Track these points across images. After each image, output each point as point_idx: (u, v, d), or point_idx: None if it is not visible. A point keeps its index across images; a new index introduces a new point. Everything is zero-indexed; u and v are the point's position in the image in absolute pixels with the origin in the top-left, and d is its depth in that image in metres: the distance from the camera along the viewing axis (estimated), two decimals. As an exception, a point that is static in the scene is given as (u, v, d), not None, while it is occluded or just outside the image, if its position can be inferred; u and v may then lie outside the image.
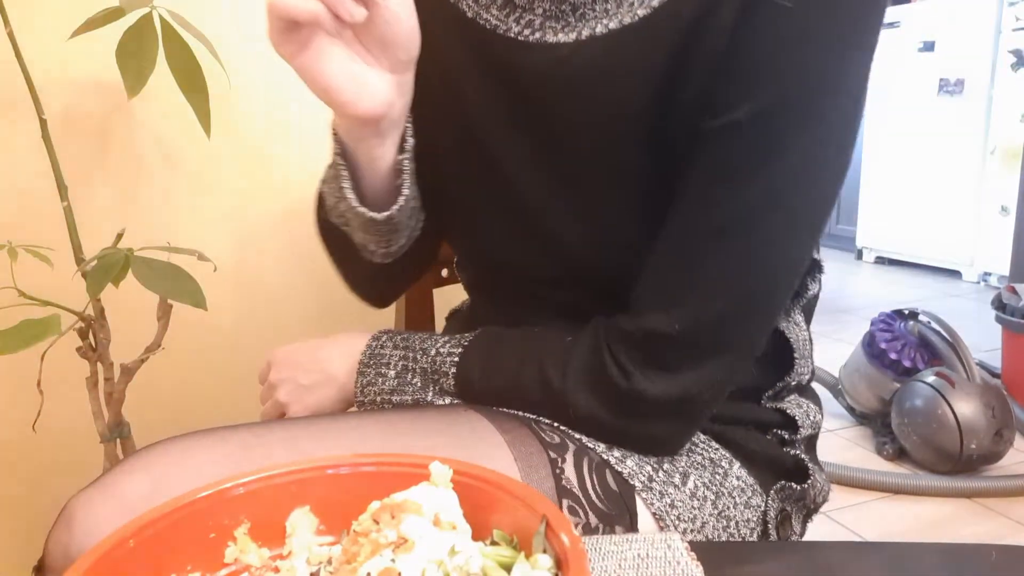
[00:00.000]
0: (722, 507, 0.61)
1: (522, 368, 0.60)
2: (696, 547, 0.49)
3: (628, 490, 0.57)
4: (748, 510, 0.63)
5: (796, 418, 0.67)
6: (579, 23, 0.56)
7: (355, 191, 0.59)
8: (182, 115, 1.06)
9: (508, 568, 0.36)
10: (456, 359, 0.63)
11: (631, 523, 0.56)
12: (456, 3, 0.61)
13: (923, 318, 2.14)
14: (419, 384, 0.64)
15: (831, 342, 2.85)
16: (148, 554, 0.38)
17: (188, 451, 0.51)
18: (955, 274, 3.97)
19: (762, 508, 0.65)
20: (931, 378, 1.94)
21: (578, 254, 0.63)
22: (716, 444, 0.64)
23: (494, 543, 0.39)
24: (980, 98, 3.67)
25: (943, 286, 3.83)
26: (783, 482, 0.65)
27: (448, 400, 0.63)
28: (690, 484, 0.60)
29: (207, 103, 0.94)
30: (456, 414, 0.59)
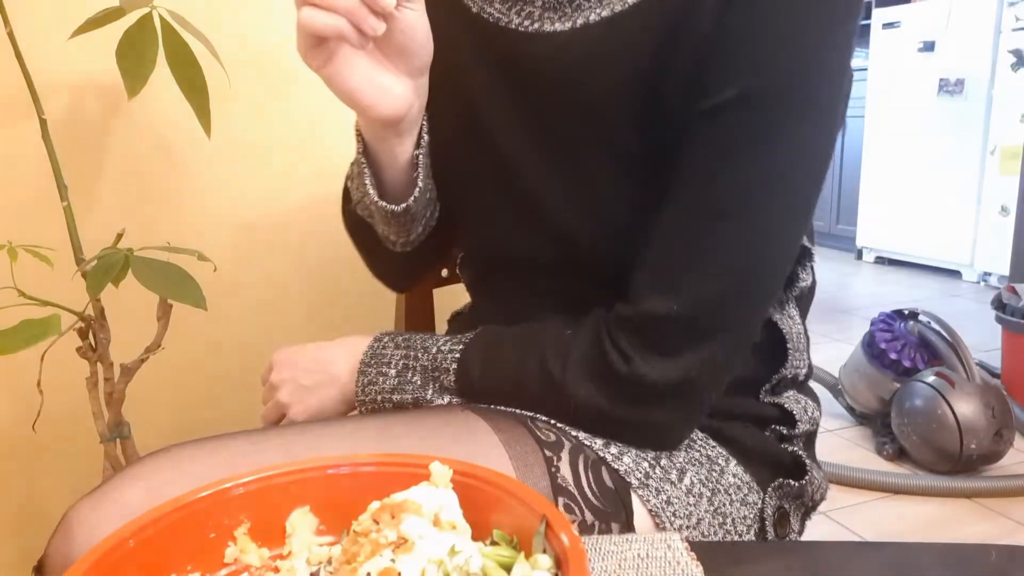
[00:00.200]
0: (718, 504, 0.62)
1: (523, 362, 0.61)
2: (696, 547, 0.49)
3: (624, 487, 0.58)
4: (744, 507, 0.64)
5: (794, 413, 0.68)
6: (575, 12, 0.59)
7: (376, 186, 0.64)
8: (182, 115, 1.06)
9: (508, 568, 0.36)
10: (457, 355, 0.63)
11: (627, 520, 0.57)
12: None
13: (923, 318, 2.14)
14: (419, 382, 0.64)
15: (831, 342, 2.85)
16: (148, 554, 0.38)
17: (185, 459, 0.52)
18: (955, 274, 3.97)
19: (759, 505, 0.65)
20: (931, 378, 1.94)
21: (576, 237, 0.64)
22: (713, 441, 0.65)
23: (494, 543, 0.39)
24: (980, 98, 3.66)
25: (943, 286, 3.83)
26: (781, 479, 0.66)
27: (448, 398, 0.64)
28: (686, 480, 0.61)
29: (207, 103, 0.94)
30: (452, 415, 0.60)
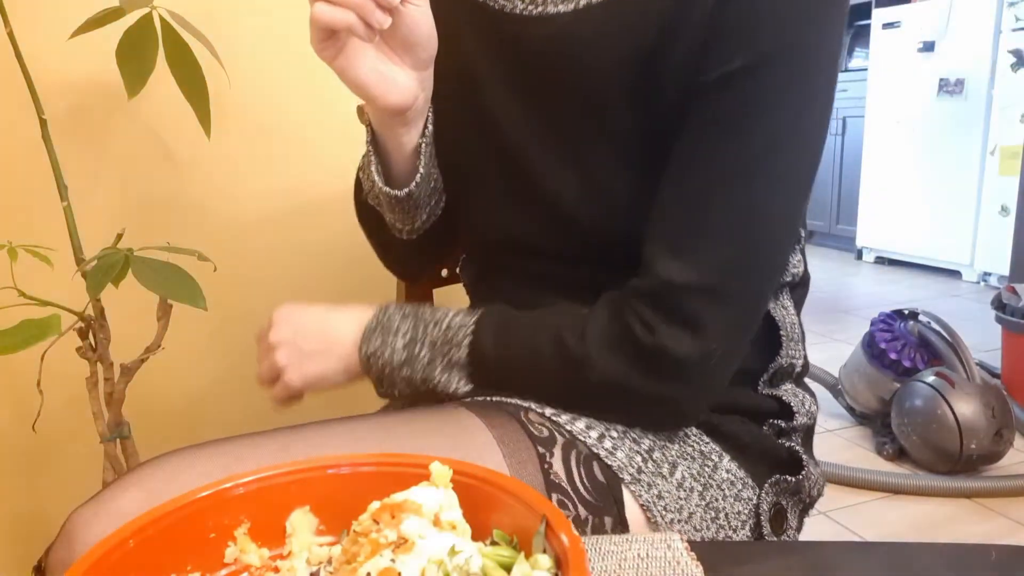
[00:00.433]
0: (710, 498, 0.62)
1: (538, 336, 0.61)
2: (696, 547, 0.49)
3: (616, 482, 0.58)
4: (739, 503, 0.64)
5: (792, 405, 0.68)
6: None
7: (383, 173, 0.67)
8: (182, 115, 1.06)
9: (508, 568, 0.36)
10: (470, 329, 0.62)
11: (619, 514, 0.57)
12: None
13: (923, 318, 2.14)
14: (427, 358, 0.63)
15: (831, 342, 2.85)
16: (148, 554, 0.38)
17: (184, 464, 0.52)
18: (955, 274, 3.97)
19: (754, 501, 0.65)
20: (931, 378, 1.94)
21: (579, 219, 0.64)
22: (707, 437, 0.65)
23: (494, 543, 0.39)
24: (980, 98, 3.66)
25: (943, 286, 3.83)
26: (777, 475, 0.66)
27: (457, 377, 0.63)
28: (677, 475, 0.61)
29: (207, 103, 0.94)
30: (446, 413, 0.60)
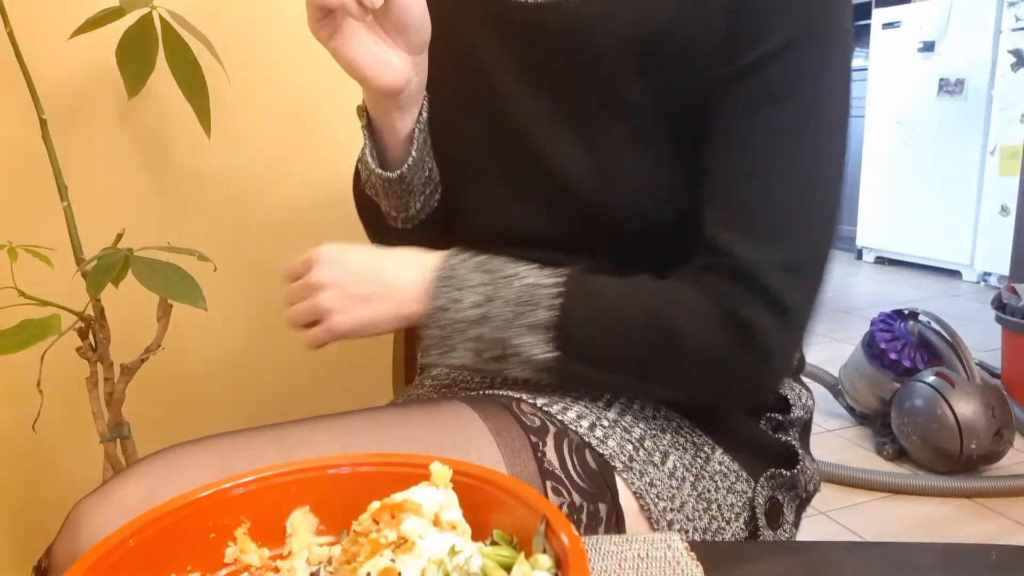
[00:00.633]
0: (702, 489, 0.63)
1: (630, 305, 0.59)
2: (696, 547, 0.49)
3: (608, 469, 0.59)
4: (732, 495, 0.64)
5: (788, 398, 0.69)
6: None
7: (378, 158, 0.69)
8: (182, 115, 1.06)
9: (508, 568, 0.36)
10: (559, 290, 0.59)
11: (613, 500, 0.58)
12: None
13: (923, 318, 2.13)
14: (506, 317, 0.59)
15: (831, 342, 2.85)
16: (148, 554, 0.38)
17: (184, 457, 0.52)
18: (955, 274, 3.97)
19: (748, 495, 0.66)
20: (931, 378, 1.94)
21: (588, 199, 0.64)
22: (700, 431, 0.66)
23: (494, 543, 0.39)
24: (980, 98, 3.66)
25: (943, 286, 3.83)
26: (773, 469, 0.67)
27: (540, 340, 0.59)
28: (669, 464, 0.62)
29: (207, 103, 0.94)
30: (440, 405, 0.61)
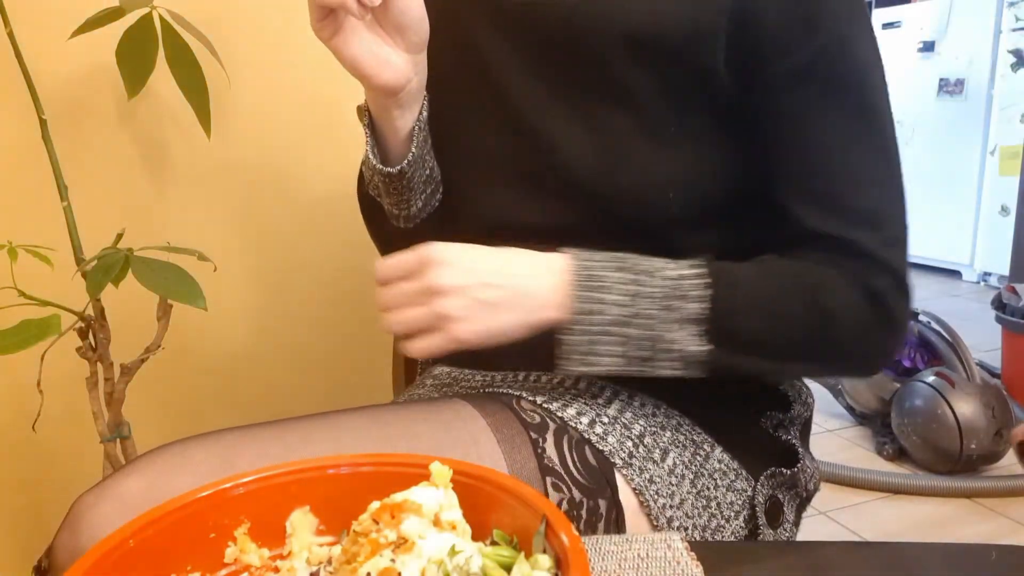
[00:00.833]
0: (701, 487, 0.63)
1: (780, 289, 0.59)
2: (696, 547, 0.49)
3: (608, 466, 0.59)
4: (732, 493, 0.65)
5: (788, 395, 0.70)
6: None
7: (380, 157, 0.69)
8: (182, 115, 1.06)
9: (508, 568, 0.36)
10: (705, 281, 0.57)
11: (612, 496, 0.58)
12: None
13: (923, 318, 2.13)
14: (656, 313, 0.56)
15: (831, 342, 2.84)
16: (148, 554, 0.38)
17: (184, 453, 0.53)
18: (955, 274, 3.96)
19: (748, 493, 0.66)
20: (931, 378, 1.94)
21: (593, 187, 0.63)
22: (699, 428, 0.66)
23: (494, 543, 0.39)
24: (980, 98, 3.66)
25: (943, 286, 3.83)
26: (773, 468, 0.67)
27: (693, 333, 0.57)
28: (669, 461, 0.62)
29: (207, 103, 0.94)
30: (441, 403, 0.61)
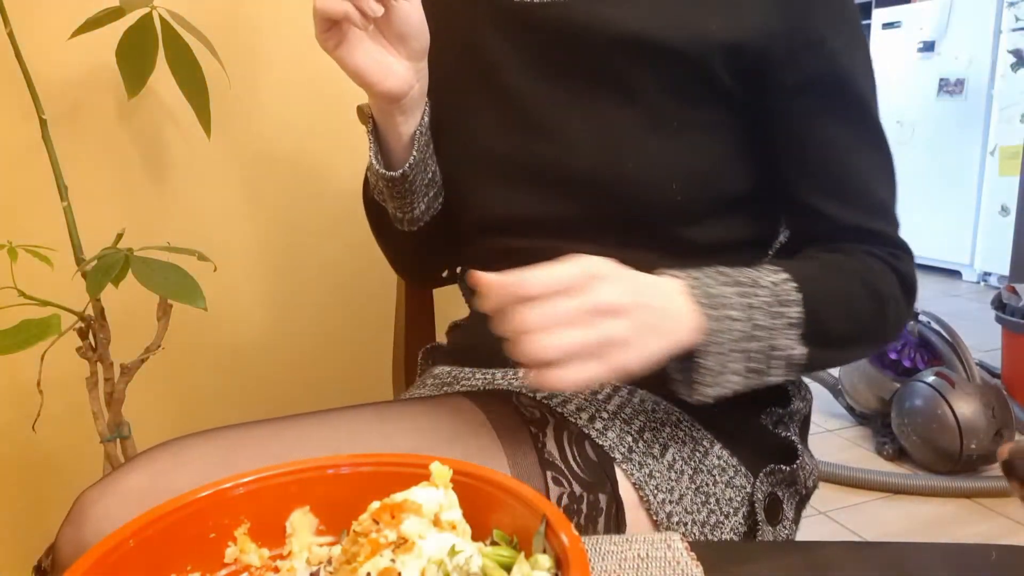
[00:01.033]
0: (700, 482, 0.63)
1: (844, 283, 0.63)
2: (696, 547, 0.49)
3: (607, 460, 0.60)
4: (731, 489, 0.65)
5: (788, 390, 0.71)
6: None
7: (383, 162, 0.71)
8: (182, 115, 1.06)
9: (508, 568, 0.36)
10: (794, 284, 0.59)
11: (612, 491, 0.58)
12: None
13: (923, 318, 2.13)
14: (770, 324, 0.56)
15: (831, 342, 2.84)
16: (148, 554, 0.38)
17: (186, 449, 0.53)
18: (955, 274, 3.97)
19: (748, 490, 0.66)
20: (931, 378, 1.94)
21: (596, 186, 0.64)
22: (699, 424, 0.66)
23: (494, 543, 0.39)
24: (980, 98, 3.66)
25: (943, 286, 3.82)
26: (772, 465, 0.67)
27: (795, 336, 0.57)
28: (668, 456, 0.63)
29: (207, 103, 0.94)
30: (441, 399, 0.62)
